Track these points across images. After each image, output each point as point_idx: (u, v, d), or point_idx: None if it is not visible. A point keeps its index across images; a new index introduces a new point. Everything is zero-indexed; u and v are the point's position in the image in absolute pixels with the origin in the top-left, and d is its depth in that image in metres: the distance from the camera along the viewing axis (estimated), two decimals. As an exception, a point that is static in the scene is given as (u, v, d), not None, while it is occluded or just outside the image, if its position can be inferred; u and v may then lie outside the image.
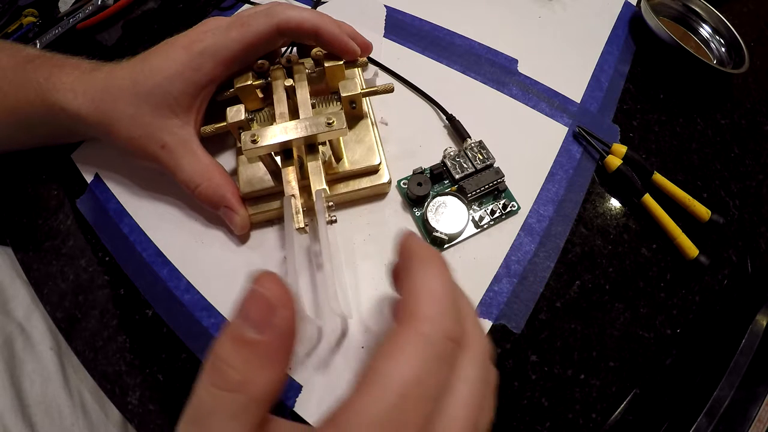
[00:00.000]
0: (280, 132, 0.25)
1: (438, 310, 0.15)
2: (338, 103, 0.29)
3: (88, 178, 0.32)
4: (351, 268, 0.28)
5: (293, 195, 0.25)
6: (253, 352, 0.14)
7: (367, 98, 0.31)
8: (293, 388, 0.25)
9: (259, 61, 0.29)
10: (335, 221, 0.25)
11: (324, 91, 0.30)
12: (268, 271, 0.15)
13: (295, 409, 0.24)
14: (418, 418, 0.13)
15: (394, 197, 0.30)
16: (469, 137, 0.31)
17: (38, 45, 0.42)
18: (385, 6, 0.40)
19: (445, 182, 0.30)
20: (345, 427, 0.13)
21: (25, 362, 0.30)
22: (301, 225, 0.24)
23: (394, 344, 0.14)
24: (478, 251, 0.29)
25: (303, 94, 0.28)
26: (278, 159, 0.27)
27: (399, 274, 0.18)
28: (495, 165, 0.30)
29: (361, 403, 0.13)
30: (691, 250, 0.29)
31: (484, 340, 0.16)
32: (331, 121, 0.25)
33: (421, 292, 0.15)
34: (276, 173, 0.28)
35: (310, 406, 0.24)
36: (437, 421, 0.14)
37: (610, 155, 0.31)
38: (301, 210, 0.25)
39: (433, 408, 0.14)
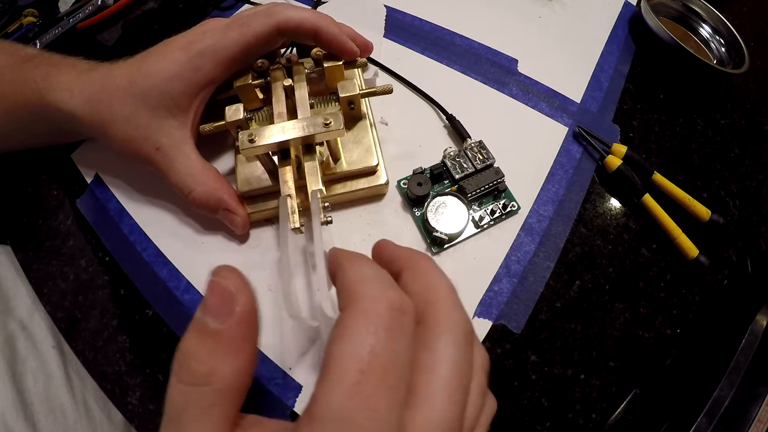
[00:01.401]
0: (278, 132, 0.25)
1: (373, 286, 0.15)
2: (337, 103, 0.29)
3: (88, 178, 0.32)
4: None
5: (289, 195, 0.25)
6: (216, 341, 0.14)
7: (366, 99, 0.31)
8: (293, 388, 0.25)
9: (259, 61, 0.29)
10: (331, 222, 0.25)
11: (323, 91, 0.30)
12: (226, 265, 0.16)
13: (295, 409, 0.24)
14: (384, 390, 0.13)
15: (394, 197, 0.30)
16: (469, 137, 0.31)
17: (38, 45, 0.42)
18: (385, 6, 0.40)
19: (445, 182, 0.30)
20: (319, 417, 0.13)
21: (27, 360, 0.30)
22: (297, 225, 0.24)
23: (341, 327, 0.14)
24: (478, 251, 0.29)
25: (302, 94, 0.28)
26: (276, 158, 0.27)
27: (334, 279, 0.18)
28: (495, 165, 0.30)
29: (326, 390, 0.13)
30: (691, 250, 0.29)
31: (462, 322, 0.16)
32: (328, 122, 0.25)
33: (353, 277, 0.16)
34: (273, 173, 0.28)
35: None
36: (417, 399, 0.14)
37: (610, 155, 0.31)
38: (297, 210, 0.25)
39: (399, 379, 0.14)
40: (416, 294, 0.17)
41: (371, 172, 0.29)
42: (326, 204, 0.25)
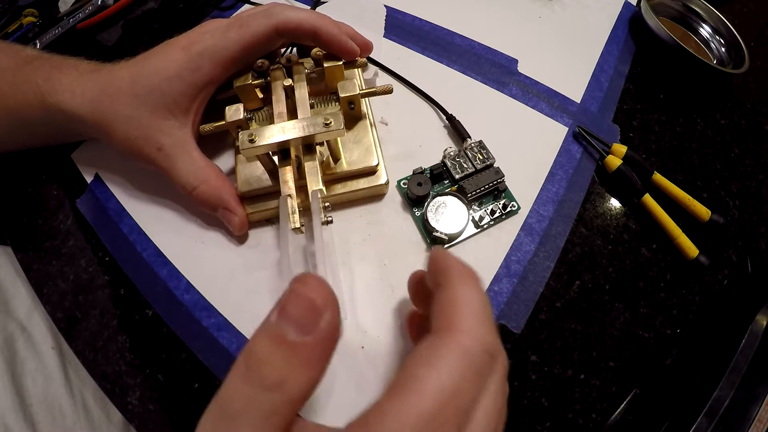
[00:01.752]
0: (278, 132, 0.25)
1: (479, 324, 0.15)
2: (337, 103, 0.29)
3: (88, 178, 0.32)
4: (348, 269, 0.28)
5: (290, 195, 0.25)
6: (295, 353, 0.14)
7: (366, 99, 0.31)
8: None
9: (259, 61, 0.29)
10: (331, 222, 0.25)
11: (323, 91, 0.30)
12: (312, 273, 0.15)
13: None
14: (452, 428, 0.13)
15: (394, 197, 0.30)
16: (469, 137, 0.31)
17: (38, 45, 0.42)
18: (385, 6, 0.40)
19: (445, 182, 0.30)
20: (377, 429, 0.13)
21: (27, 361, 0.30)
22: (297, 225, 0.24)
23: (434, 354, 0.14)
24: (478, 251, 0.29)
25: (302, 94, 0.28)
26: (276, 159, 0.27)
27: (422, 288, 0.18)
28: (495, 165, 0.30)
29: (397, 408, 0.13)
30: (691, 250, 0.29)
31: (505, 354, 0.17)
32: (328, 122, 0.25)
33: (462, 306, 0.15)
34: (274, 173, 0.28)
35: (311, 405, 0.24)
36: (466, 429, 0.14)
37: (610, 155, 0.31)
38: (297, 210, 0.25)
39: (466, 420, 0.14)
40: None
41: (371, 172, 0.29)
42: (326, 204, 0.25)
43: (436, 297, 0.17)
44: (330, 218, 0.25)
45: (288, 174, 0.26)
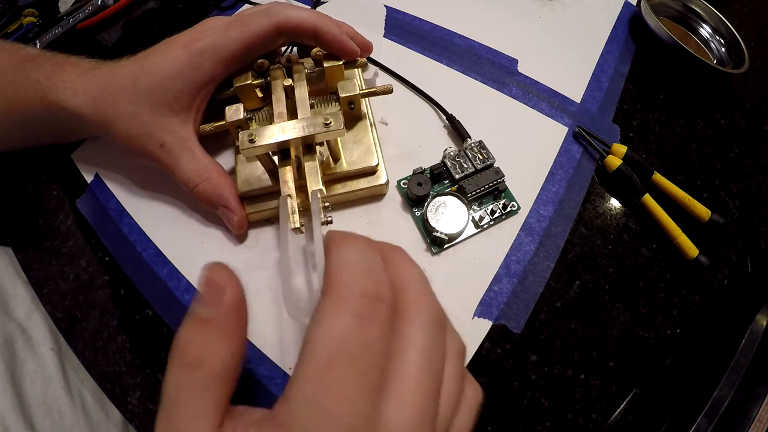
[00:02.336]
0: (278, 132, 0.25)
1: (351, 273, 0.15)
2: (337, 103, 0.29)
3: (88, 178, 0.32)
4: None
5: (289, 195, 0.25)
6: (208, 328, 0.16)
7: (366, 99, 0.31)
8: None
9: (259, 61, 0.29)
10: (331, 222, 0.25)
11: (323, 91, 0.30)
12: (216, 261, 0.17)
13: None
14: (353, 376, 0.13)
15: (394, 197, 0.30)
16: (469, 137, 0.31)
17: (38, 45, 0.42)
18: (385, 6, 0.40)
19: (445, 182, 0.30)
20: (291, 399, 0.13)
21: (26, 362, 0.30)
22: (297, 225, 0.24)
23: (316, 312, 0.15)
24: (478, 251, 0.29)
25: (302, 94, 0.28)
26: (276, 159, 0.27)
27: None
28: (495, 165, 0.30)
29: (299, 374, 0.14)
30: (691, 250, 0.29)
31: (431, 308, 0.17)
32: (328, 122, 0.25)
33: (335, 263, 0.16)
34: (274, 173, 0.28)
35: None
36: (388, 386, 0.14)
37: (610, 155, 0.31)
38: (297, 210, 0.25)
39: (370, 366, 0.14)
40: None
41: (371, 172, 0.29)
42: (326, 204, 0.25)
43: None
44: (330, 218, 0.25)
45: (288, 174, 0.26)
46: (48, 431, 0.28)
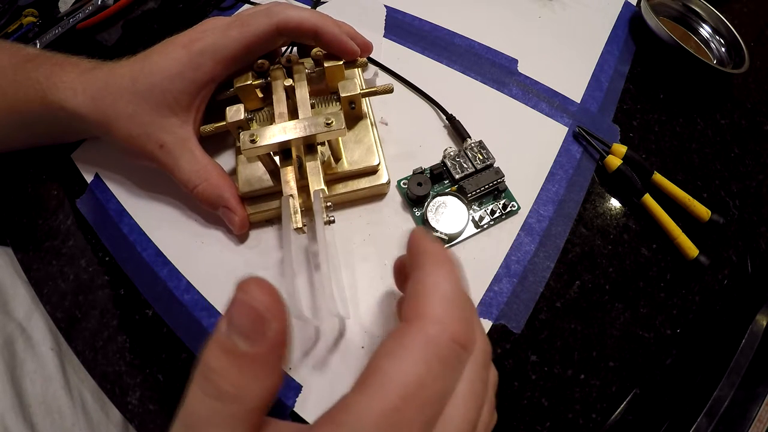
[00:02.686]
0: (279, 132, 0.25)
1: (447, 312, 0.14)
2: (337, 103, 0.29)
3: (88, 178, 0.32)
4: (350, 269, 0.28)
5: (291, 195, 0.25)
6: (246, 363, 0.14)
7: (367, 99, 0.31)
8: (293, 388, 0.25)
9: (259, 61, 0.29)
10: (333, 221, 0.25)
11: (324, 91, 0.30)
12: (255, 278, 0.15)
13: (295, 409, 0.24)
14: (418, 422, 0.13)
15: (394, 197, 0.30)
16: (469, 137, 0.31)
17: (38, 45, 0.42)
18: (385, 6, 0.40)
19: (445, 182, 0.30)
20: (343, 426, 0.13)
21: (26, 362, 0.30)
22: (299, 225, 0.24)
23: (398, 343, 0.14)
24: (478, 251, 0.29)
25: (302, 94, 0.28)
26: (277, 159, 0.27)
27: (405, 270, 0.17)
28: (495, 165, 0.30)
29: (361, 403, 0.13)
30: (691, 250, 0.29)
31: (485, 340, 0.16)
32: (330, 122, 0.25)
33: (431, 292, 0.15)
34: (275, 173, 0.28)
35: (310, 405, 0.24)
36: (437, 421, 0.14)
37: (610, 155, 0.31)
38: (299, 210, 0.25)
39: (436, 413, 0.13)
40: None
41: (372, 171, 0.29)
42: (328, 204, 0.25)
43: (409, 283, 0.16)
44: (332, 218, 0.25)
45: (289, 174, 0.26)
46: (48, 431, 0.28)
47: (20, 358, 0.30)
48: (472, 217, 0.29)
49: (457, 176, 0.29)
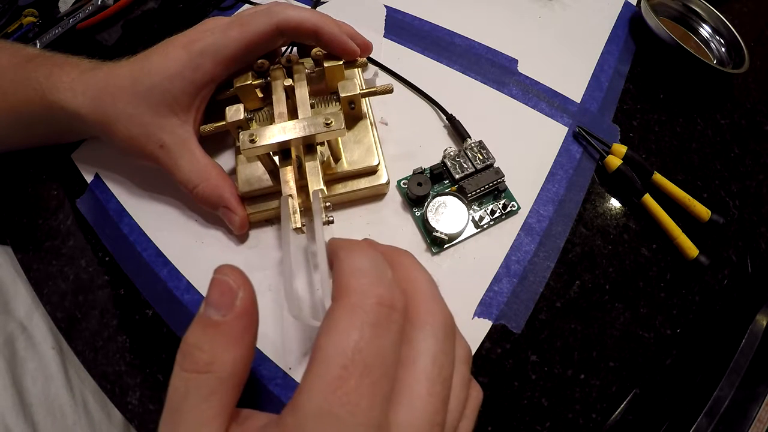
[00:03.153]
0: (279, 132, 0.25)
1: (365, 280, 0.15)
2: (337, 103, 0.29)
3: (88, 178, 0.32)
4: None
5: (291, 195, 0.25)
6: (218, 332, 0.15)
7: (367, 99, 0.31)
8: (293, 388, 0.25)
9: (259, 61, 0.29)
10: (332, 222, 0.25)
11: (323, 91, 0.30)
12: (228, 264, 0.17)
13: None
14: (367, 386, 0.13)
15: (394, 197, 0.30)
16: (469, 137, 0.31)
17: (38, 45, 0.42)
18: (385, 6, 0.40)
19: (445, 182, 0.30)
20: (301, 408, 0.13)
21: (27, 361, 0.30)
22: (298, 225, 0.24)
23: (329, 320, 0.14)
24: (478, 251, 0.29)
25: (302, 94, 0.28)
26: (277, 159, 0.27)
27: (332, 268, 0.18)
28: (495, 165, 0.30)
29: (310, 383, 0.13)
30: (691, 250, 0.29)
31: (441, 314, 0.16)
32: (329, 122, 0.25)
33: (347, 269, 0.16)
34: (274, 173, 0.28)
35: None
36: (398, 393, 0.14)
37: (610, 155, 0.31)
38: (298, 210, 0.25)
39: (383, 375, 0.14)
40: None
41: (372, 171, 0.29)
42: (328, 204, 0.25)
43: (332, 275, 0.17)
44: (331, 218, 0.25)
45: (289, 174, 0.26)
46: (49, 430, 0.28)
47: (21, 357, 0.30)
48: (472, 217, 0.29)
49: (457, 176, 0.29)
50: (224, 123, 0.27)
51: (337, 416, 0.13)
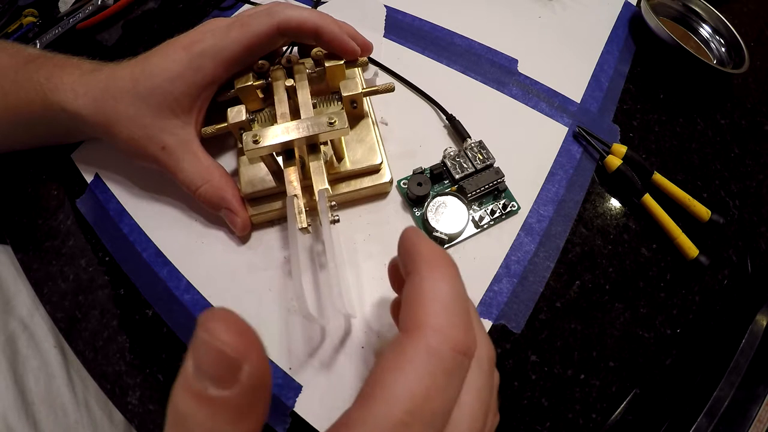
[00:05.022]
0: (282, 132, 0.25)
1: (447, 319, 0.14)
2: (339, 102, 0.29)
3: (88, 178, 0.32)
4: (353, 268, 0.28)
5: (296, 195, 0.25)
6: (219, 409, 0.12)
7: (368, 98, 0.31)
8: (293, 388, 0.25)
9: (260, 62, 0.29)
10: (338, 221, 0.25)
11: (325, 91, 0.30)
12: (219, 311, 0.12)
13: (295, 409, 0.24)
14: None
15: (394, 197, 0.30)
16: (469, 137, 0.31)
17: (38, 45, 0.42)
18: (385, 6, 0.40)
19: (445, 182, 0.30)
20: None
21: (29, 360, 0.30)
22: (304, 225, 0.24)
23: (400, 356, 0.13)
24: (478, 251, 0.29)
25: (304, 94, 0.28)
26: (279, 159, 0.27)
27: (399, 274, 0.17)
28: (495, 165, 0.30)
29: (367, 419, 0.12)
30: (691, 250, 0.29)
31: (489, 345, 0.16)
32: (332, 121, 0.25)
33: (429, 299, 0.14)
34: (277, 174, 0.28)
35: (312, 406, 0.24)
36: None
37: (610, 155, 0.31)
38: (303, 210, 0.25)
39: (442, 424, 0.13)
40: None
41: (375, 170, 0.29)
42: (333, 203, 0.25)
43: (405, 288, 0.16)
44: (337, 217, 0.25)
45: (293, 174, 0.26)
46: (51, 428, 0.28)
47: (23, 355, 0.30)
48: (472, 217, 0.29)
49: (457, 176, 0.29)
50: (226, 124, 0.27)
51: None
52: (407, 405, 0.12)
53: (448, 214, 0.28)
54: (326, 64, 0.29)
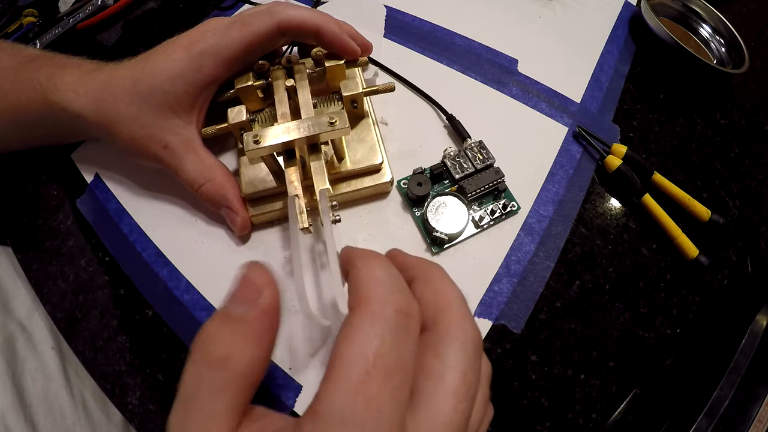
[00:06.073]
0: (283, 132, 0.25)
1: (385, 290, 0.15)
2: (340, 102, 0.29)
3: (88, 178, 0.32)
4: (352, 268, 0.28)
5: (297, 195, 0.25)
6: (239, 327, 0.15)
7: (368, 97, 0.31)
8: (293, 388, 0.25)
9: (260, 62, 0.29)
10: (339, 221, 0.25)
11: (325, 90, 0.30)
12: (256, 261, 0.17)
13: (295, 409, 0.24)
14: (389, 391, 0.13)
15: (395, 197, 0.30)
16: (469, 137, 0.31)
17: (38, 45, 0.42)
18: (385, 6, 0.40)
19: (445, 182, 0.30)
20: (322, 414, 0.13)
21: (27, 361, 0.30)
22: (306, 225, 0.24)
23: (349, 328, 0.14)
24: (478, 251, 0.29)
25: (304, 94, 0.28)
26: (280, 159, 0.27)
27: (347, 277, 0.18)
28: (495, 165, 0.30)
29: (331, 389, 0.13)
30: (691, 250, 0.29)
31: (474, 329, 0.17)
32: (333, 121, 0.25)
33: (365, 279, 0.16)
34: (278, 174, 0.28)
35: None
36: (422, 404, 0.14)
37: (610, 155, 0.31)
38: (305, 210, 0.25)
39: (403, 381, 0.14)
40: (427, 301, 0.17)
41: (376, 170, 0.29)
42: (334, 203, 0.25)
43: (348, 283, 0.17)
44: (338, 217, 0.25)
45: (293, 174, 0.26)
46: (49, 430, 0.28)
47: (21, 357, 0.30)
48: (472, 217, 0.29)
49: (457, 176, 0.29)
50: (226, 125, 0.27)
51: (359, 421, 0.13)
52: (362, 365, 0.13)
53: (448, 214, 0.28)
54: (326, 64, 0.29)
